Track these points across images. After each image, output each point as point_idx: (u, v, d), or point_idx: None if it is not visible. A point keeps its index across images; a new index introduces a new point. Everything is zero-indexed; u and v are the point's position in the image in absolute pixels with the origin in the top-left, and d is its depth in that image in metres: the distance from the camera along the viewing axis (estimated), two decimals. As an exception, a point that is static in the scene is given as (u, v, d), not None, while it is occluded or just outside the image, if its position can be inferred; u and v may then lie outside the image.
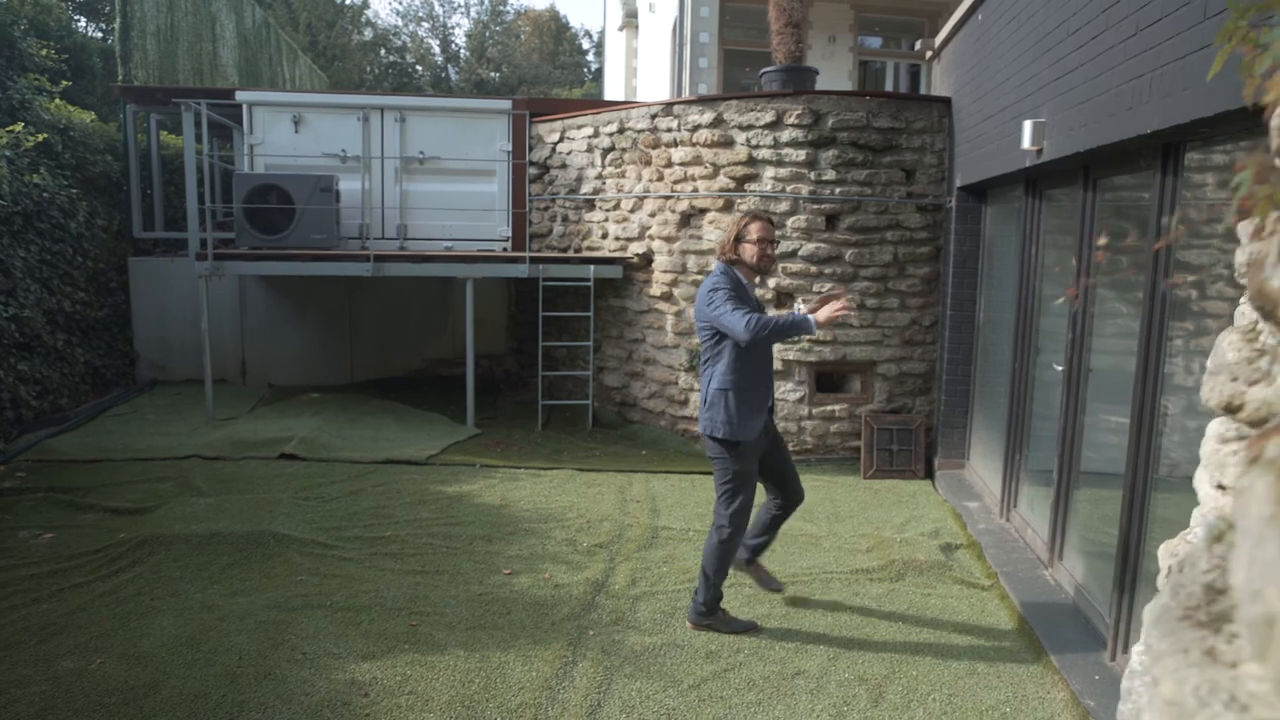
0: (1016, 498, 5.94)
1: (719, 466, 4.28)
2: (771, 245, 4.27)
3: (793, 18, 8.56)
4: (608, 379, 8.74)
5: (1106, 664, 4.04)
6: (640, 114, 8.21)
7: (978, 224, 7.17)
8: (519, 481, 6.70)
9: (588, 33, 43.78)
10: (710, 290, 4.13)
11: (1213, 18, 2.99)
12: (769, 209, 7.49)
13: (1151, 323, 3.85)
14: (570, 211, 9.06)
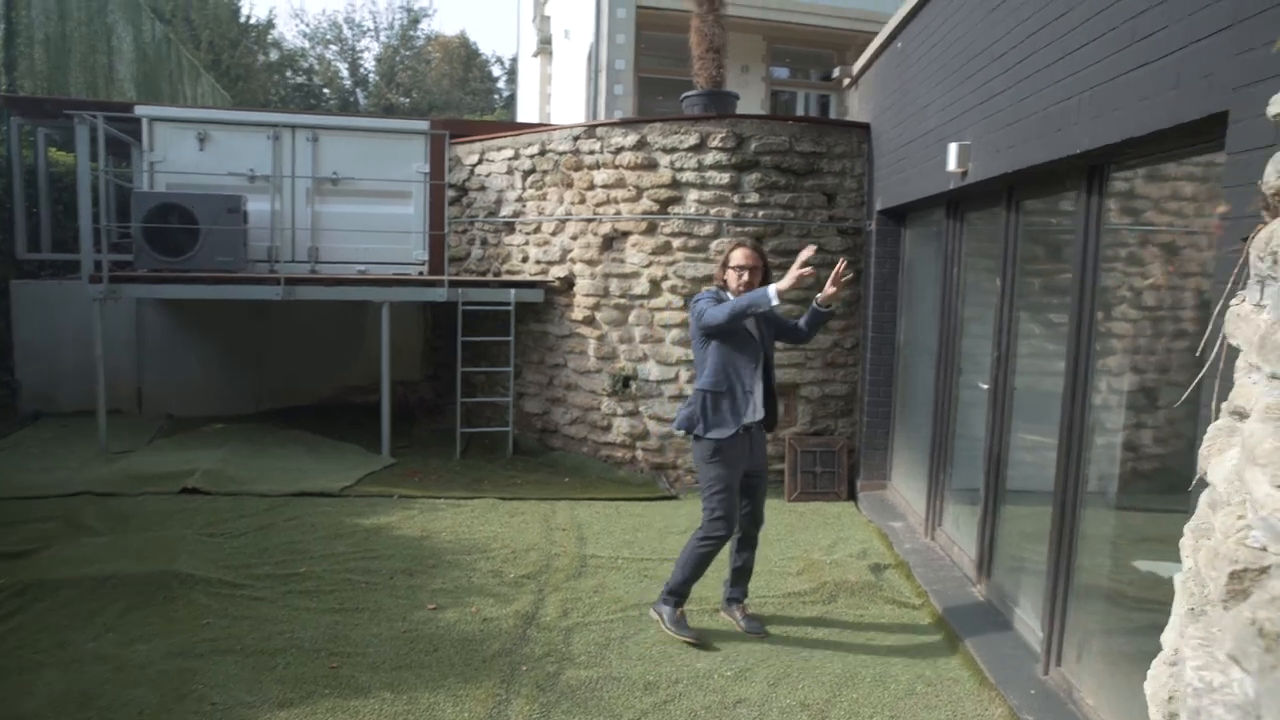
0: (941, 516, 6.00)
1: (700, 472, 4.53)
2: (753, 272, 4.38)
3: (714, 43, 8.63)
4: (528, 405, 8.55)
5: (1040, 677, 4.06)
6: (562, 136, 8.12)
7: (897, 247, 7.30)
8: (439, 512, 6.44)
9: (499, 59, 43.72)
10: (694, 302, 4.47)
11: (1141, 40, 3.07)
12: (693, 232, 7.48)
13: (1080, 340, 3.91)
14: (489, 234, 8.88)
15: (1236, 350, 1.85)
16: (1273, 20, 2.41)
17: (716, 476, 4.41)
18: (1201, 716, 1.02)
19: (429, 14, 41.21)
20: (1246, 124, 2.49)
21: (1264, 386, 1.12)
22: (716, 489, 4.41)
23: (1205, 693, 1.00)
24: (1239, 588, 0.96)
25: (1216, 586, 1.03)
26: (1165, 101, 2.89)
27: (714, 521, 4.44)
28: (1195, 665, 1.06)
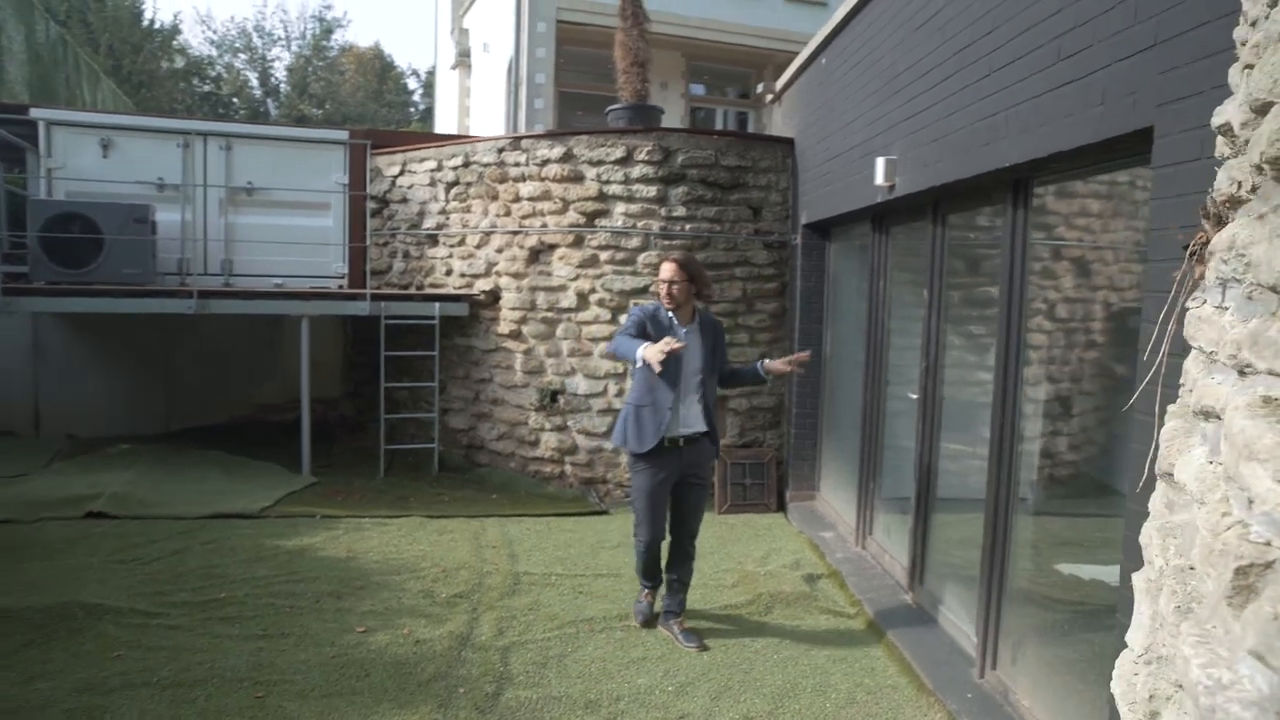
0: (872, 526, 6.09)
1: (632, 485, 4.72)
2: (671, 284, 4.46)
3: (639, 57, 8.67)
4: (453, 421, 8.38)
5: (976, 681, 4.14)
6: (486, 148, 8.02)
7: (822, 260, 7.42)
8: (365, 532, 6.23)
9: (415, 72, 43.14)
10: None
11: (1066, 59, 3.18)
12: (620, 245, 7.46)
13: (1009, 349, 4.02)
14: (412, 247, 8.70)
15: (1179, 355, 1.91)
16: (1192, 41, 2.51)
17: (637, 486, 4.66)
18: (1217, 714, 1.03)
19: (343, 24, 40.42)
20: (1172, 139, 2.59)
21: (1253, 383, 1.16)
22: (637, 498, 4.68)
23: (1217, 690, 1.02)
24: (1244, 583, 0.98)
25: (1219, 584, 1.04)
26: (1091, 118, 3.00)
27: (636, 528, 4.74)
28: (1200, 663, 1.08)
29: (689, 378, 4.50)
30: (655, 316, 4.48)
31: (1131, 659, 1.58)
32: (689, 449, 4.58)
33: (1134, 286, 3.94)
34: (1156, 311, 2.67)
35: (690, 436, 4.56)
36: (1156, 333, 2.01)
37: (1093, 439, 4.46)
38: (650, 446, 4.45)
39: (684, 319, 4.55)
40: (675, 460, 4.54)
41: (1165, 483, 1.63)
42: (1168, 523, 1.50)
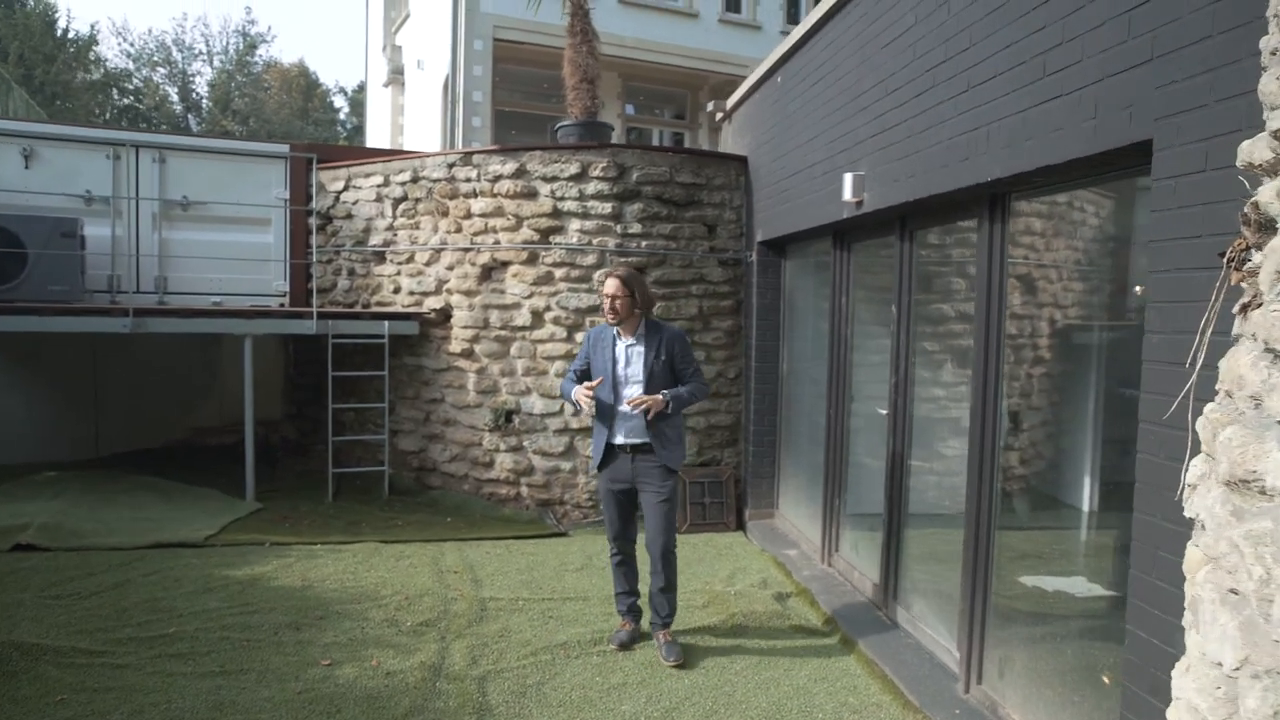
0: (838, 542, 6.08)
1: None
2: (615, 299, 4.57)
3: (588, 74, 8.63)
4: (403, 443, 8.14)
5: (961, 696, 4.13)
6: (436, 163, 7.85)
7: (778, 277, 7.45)
8: (318, 559, 5.97)
9: (342, 89, 42.38)
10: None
11: (1053, 74, 3.22)
12: (575, 262, 7.37)
13: (988, 363, 4.05)
14: (358, 264, 8.45)
15: (1210, 368, 1.90)
16: (1192, 56, 2.56)
17: (601, 492, 4.86)
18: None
19: (267, 40, 39.41)
20: (1173, 151, 2.64)
21: None
22: (603, 505, 4.85)
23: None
24: None
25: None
26: (1083, 131, 3.04)
27: (608, 530, 4.84)
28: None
29: (626, 388, 4.61)
30: (599, 336, 4.72)
31: (1223, 674, 1.55)
32: (637, 458, 4.64)
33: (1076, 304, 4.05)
34: (1161, 321, 2.70)
35: (636, 445, 4.62)
36: (1197, 341, 2.01)
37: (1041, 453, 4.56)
38: (599, 459, 4.72)
39: (628, 331, 4.65)
40: (624, 467, 4.67)
41: (1234, 490, 1.61)
42: (1252, 530, 1.48)
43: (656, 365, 4.59)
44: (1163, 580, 2.67)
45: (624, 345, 4.63)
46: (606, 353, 4.64)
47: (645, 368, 4.58)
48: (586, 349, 4.75)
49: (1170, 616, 2.63)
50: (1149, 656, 2.71)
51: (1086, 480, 4.47)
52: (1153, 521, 2.71)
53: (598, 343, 4.70)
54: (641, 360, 4.60)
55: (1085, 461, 3.95)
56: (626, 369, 4.60)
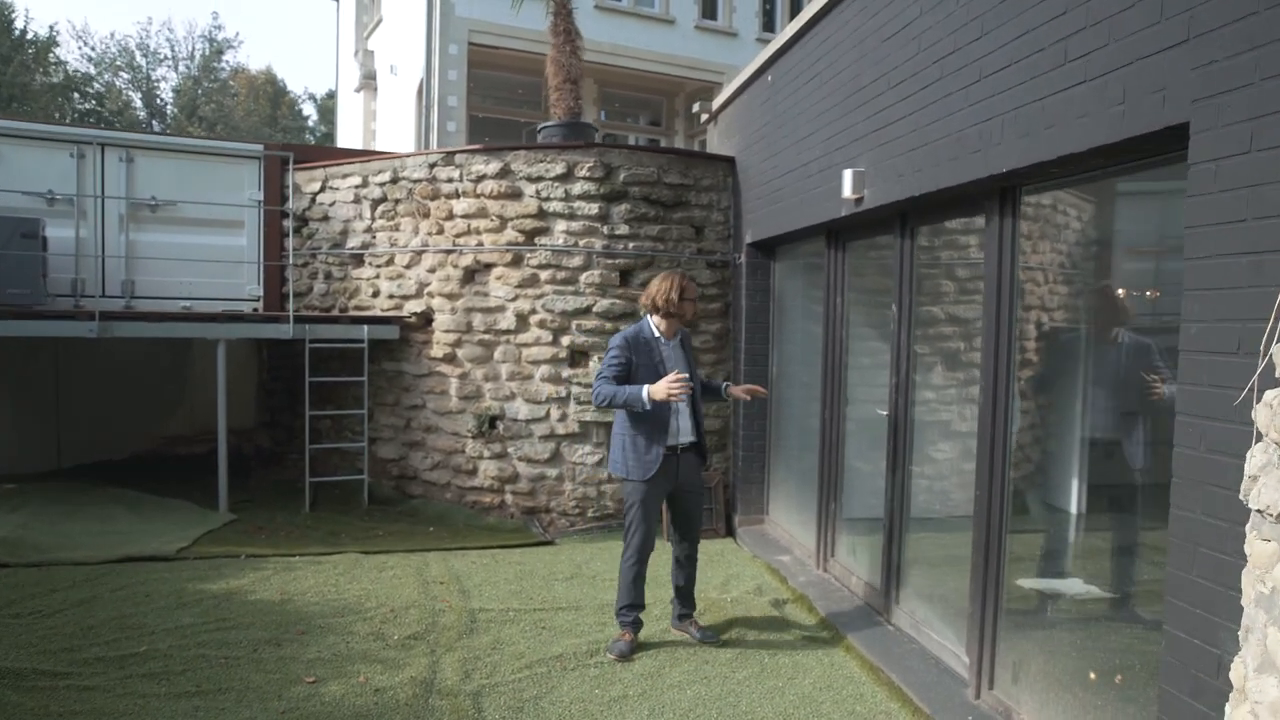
0: (834, 547, 5.95)
1: (625, 499, 4.69)
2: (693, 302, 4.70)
3: (571, 74, 8.50)
4: (383, 450, 7.90)
5: (972, 702, 4.00)
6: (417, 163, 7.66)
7: (768, 280, 7.33)
8: (297, 571, 5.73)
9: (311, 96, 41.89)
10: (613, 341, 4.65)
11: (1075, 60, 3.12)
12: (561, 264, 7.20)
13: (998, 361, 3.94)
14: (335, 268, 8.21)
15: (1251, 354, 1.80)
16: (1236, 34, 2.47)
17: (633, 495, 4.64)
18: None
19: (234, 45, 38.73)
20: (1213, 134, 2.53)
21: None
22: (632, 508, 4.65)
23: None
24: None
25: None
26: (1110, 117, 2.94)
27: (629, 537, 4.67)
28: None
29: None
30: (639, 338, 4.59)
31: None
32: (682, 458, 4.68)
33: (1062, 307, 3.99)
34: (1200, 310, 2.59)
35: (683, 445, 4.67)
36: (1270, 328, 1.90)
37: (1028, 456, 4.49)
38: (651, 471, 4.52)
39: (669, 334, 4.67)
40: (673, 468, 4.62)
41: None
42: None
43: (693, 364, 4.79)
44: (1203, 578, 2.55)
45: (669, 346, 4.66)
46: (655, 354, 4.58)
47: (689, 367, 4.69)
48: (625, 352, 4.53)
49: (1214, 615, 2.51)
50: (1189, 657, 2.59)
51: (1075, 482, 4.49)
52: (1192, 517, 2.60)
53: (639, 345, 4.57)
54: (684, 361, 4.68)
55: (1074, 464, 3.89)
56: (677, 369, 4.58)
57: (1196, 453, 2.58)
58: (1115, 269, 3.85)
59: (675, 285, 4.63)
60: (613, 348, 4.57)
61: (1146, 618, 3.57)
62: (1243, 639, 2.09)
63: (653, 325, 4.64)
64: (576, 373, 7.24)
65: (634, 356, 4.54)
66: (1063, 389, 3.97)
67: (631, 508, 4.61)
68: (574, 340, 7.23)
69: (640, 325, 4.66)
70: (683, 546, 4.84)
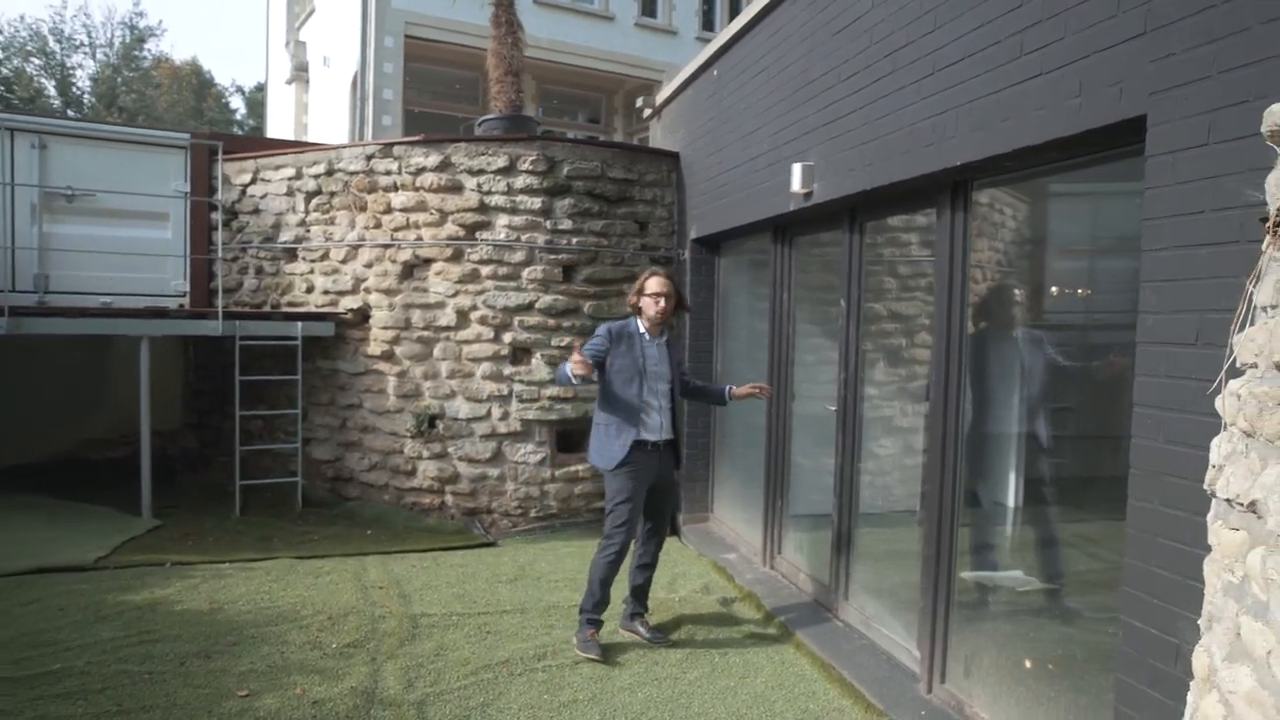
0: (781, 544, 5.93)
1: (606, 487, 4.69)
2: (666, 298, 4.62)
3: (512, 66, 8.34)
4: (317, 451, 7.63)
5: (924, 696, 3.99)
6: (353, 154, 7.42)
7: (712, 275, 7.29)
8: (227, 579, 5.47)
9: (239, 88, 40.67)
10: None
11: (1032, 53, 3.12)
12: (503, 259, 7.05)
13: (950, 353, 3.94)
14: (266, 263, 7.91)
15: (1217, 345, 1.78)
16: (1193, 27, 2.47)
17: (618, 490, 4.62)
18: None
19: (156, 34, 37.23)
20: (1171, 126, 2.54)
21: None
22: (617, 503, 4.62)
23: None
24: None
25: None
26: (1067, 109, 2.94)
27: (612, 533, 4.60)
28: None
29: (656, 386, 4.64)
30: (624, 331, 4.64)
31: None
32: (663, 453, 4.71)
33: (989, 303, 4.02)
34: (1159, 301, 2.60)
35: (664, 442, 4.68)
36: (1243, 312, 1.88)
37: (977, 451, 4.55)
38: (619, 461, 4.54)
39: (654, 331, 4.69)
40: (652, 463, 4.63)
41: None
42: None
43: (677, 368, 4.78)
44: (1162, 568, 2.56)
45: (653, 344, 4.68)
46: (636, 350, 4.62)
47: (671, 369, 4.72)
48: (605, 344, 4.58)
49: (1172, 605, 2.52)
50: (1147, 647, 2.60)
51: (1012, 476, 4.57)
52: (1150, 508, 2.61)
53: (623, 339, 4.62)
54: (667, 361, 4.71)
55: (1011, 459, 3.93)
56: (658, 366, 4.65)
57: (1155, 444, 2.59)
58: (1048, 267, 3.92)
59: (639, 282, 4.70)
60: (595, 334, 4.66)
61: (1084, 608, 3.62)
62: (1205, 628, 2.08)
63: (639, 322, 4.68)
64: (519, 370, 7.10)
65: (614, 347, 4.59)
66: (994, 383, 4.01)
67: (618, 504, 4.57)
68: (516, 337, 7.09)
69: (630, 320, 4.72)
70: (648, 546, 4.81)
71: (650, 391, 4.61)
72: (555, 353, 7.12)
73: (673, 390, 4.71)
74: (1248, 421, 1.88)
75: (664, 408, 4.66)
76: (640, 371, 4.57)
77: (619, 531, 4.57)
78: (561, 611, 5.16)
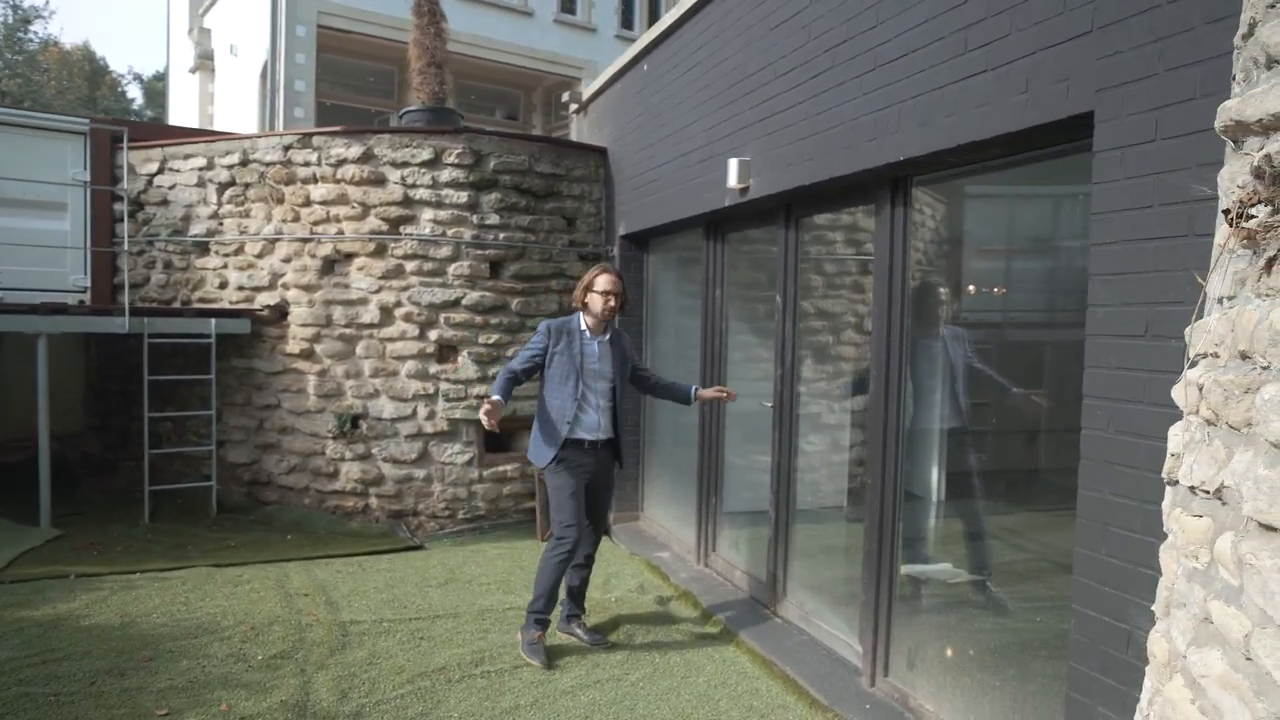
0: (715, 542, 5.91)
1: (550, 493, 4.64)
2: (615, 296, 4.59)
3: (435, 57, 8.11)
4: (231, 454, 7.28)
5: (868, 690, 4.02)
6: (270, 144, 7.11)
7: (641, 272, 7.24)
8: (139, 590, 5.16)
9: (137, 76, 38.81)
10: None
11: (977, 49, 3.15)
12: (429, 254, 6.85)
13: (890, 350, 3.97)
14: (176, 256, 7.51)
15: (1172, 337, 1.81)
16: (1139, 26, 2.53)
17: (558, 488, 4.58)
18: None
19: (44, 15, 35.15)
20: (1119, 123, 2.59)
21: None
22: (560, 502, 4.57)
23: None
24: None
25: None
26: (1012, 105, 2.98)
27: (560, 532, 4.54)
28: None
29: (594, 385, 4.58)
30: (564, 328, 4.60)
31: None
32: (601, 452, 4.66)
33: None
34: (1107, 294, 2.65)
35: (602, 441, 4.63)
36: (1205, 305, 1.91)
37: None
38: (551, 457, 4.51)
39: (598, 329, 4.64)
40: (588, 462, 4.59)
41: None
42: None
43: (623, 367, 4.71)
44: (1114, 556, 2.61)
45: (595, 342, 4.62)
46: (576, 347, 4.57)
47: (614, 366, 4.65)
48: (545, 342, 4.55)
49: (1123, 593, 2.57)
50: (1100, 634, 2.64)
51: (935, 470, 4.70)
52: (1100, 497, 2.66)
53: (563, 336, 4.57)
54: (611, 358, 4.65)
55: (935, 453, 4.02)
56: (598, 365, 4.59)
57: (1106, 434, 2.64)
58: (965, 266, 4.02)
59: (586, 278, 4.63)
60: (536, 334, 4.61)
61: (1011, 598, 3.71)
62: (1162, 613, 2.12)
63: (582, 319, 4.62)
64: (445, 368, 6.92)
65: (553, 345, 4.55)
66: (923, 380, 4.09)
67: (562, 500, 4.51)
68: (442, 334, 6.90)
69: (573, 316, 4.66)
70: (585, 546, 4.70)
71: (587, 390, 4.55)
72: (483, 350, 6.97)
73: (615, 389, 4.64)
74: (1211, 410, 1.91)
75: (602, 406, 4.59)
76: (577, 370, 4.52)
77: (569, 531, 4.49)
78: (495, 615, 5.03)
